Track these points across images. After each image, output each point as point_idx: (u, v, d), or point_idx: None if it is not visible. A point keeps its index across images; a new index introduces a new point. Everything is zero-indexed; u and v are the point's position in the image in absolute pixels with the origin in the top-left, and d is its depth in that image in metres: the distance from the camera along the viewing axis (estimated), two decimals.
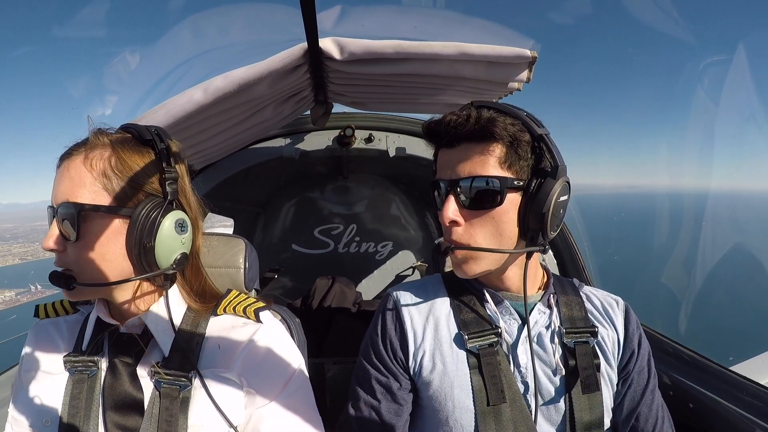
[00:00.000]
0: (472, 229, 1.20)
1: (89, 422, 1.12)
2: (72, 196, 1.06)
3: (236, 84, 1.78)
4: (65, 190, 1.07)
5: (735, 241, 59.50)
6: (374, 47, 1.83)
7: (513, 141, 1.16)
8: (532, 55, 1.90)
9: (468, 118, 1.17)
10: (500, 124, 1.15)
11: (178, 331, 1.18)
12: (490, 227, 1.19)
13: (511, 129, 1.16)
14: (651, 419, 1.30)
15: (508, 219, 1.19)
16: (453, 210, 1.19)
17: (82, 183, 1.07)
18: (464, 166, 1.19)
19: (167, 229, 1.11)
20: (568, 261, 2.75)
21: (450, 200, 1.19)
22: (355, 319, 3.28)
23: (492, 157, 1.17)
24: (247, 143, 2.77)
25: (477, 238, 1.20)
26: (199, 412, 1.12)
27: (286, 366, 1.22)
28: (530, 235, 1.20)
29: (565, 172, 1.18)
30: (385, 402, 1.30)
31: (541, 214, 1.16)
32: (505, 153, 1.17)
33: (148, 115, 1.81)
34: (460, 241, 1.20)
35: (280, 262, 4.08)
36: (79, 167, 1.08)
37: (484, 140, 1.17)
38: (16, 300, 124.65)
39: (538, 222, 1.17)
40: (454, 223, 1.20)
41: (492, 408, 1.21)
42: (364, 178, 4.20)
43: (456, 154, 1.21)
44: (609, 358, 1.30)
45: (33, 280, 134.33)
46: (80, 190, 1.06)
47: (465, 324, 1.30)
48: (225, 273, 1.47)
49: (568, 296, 1.38)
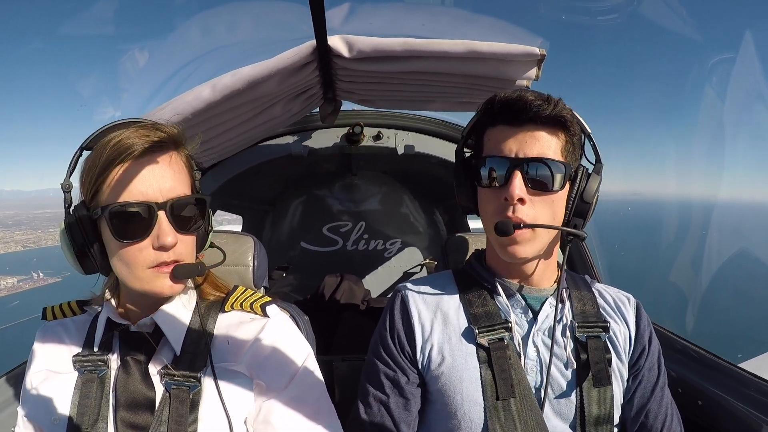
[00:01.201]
0: (534, 210, 1.22)
1: (98, 420, 1.13)
2: (185, 190, 1.15)
3: (245, 81, 1.79)
4: (176, 185, 1.13)
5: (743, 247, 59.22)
6: (383, 45, 1.83)
7: (574, 133, 1.23)
8: (540, 53, 1.88)
9: (548, 101, 1.20)
10: (569, 114, 1.21)
11: (188, 329, 1.19)
12: (549, 210, 1.22)
13: (575, 122, 1.22)
14: (660, 416, 1.30)
15: (561, 204, 1.24)
16: (521, 187, 1.19)
17: (186, 176, 1.19)
18: (533, 146, 1.21)
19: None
20: (577, 259, 2.74)
21: (517, 176, 1.19)
22: (363, 316, 3.28)
23: (558, 144, 1.22)
24: (255, 141, 2.76)
25: (538, 218, 1.22)
26: (208, 407, 1.13)
27: (295, 357, 1.23)
28: (573, 222, 1.26)
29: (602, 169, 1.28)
30: (393, 396, 1.30)
31: (586, 204, 1.24)
32: (566, 142, 1.23)
33: (156, 112, 1.82)
34: (525, 219, 1.20)
35: (288, 259, 4.08)
36: (179, 161, 1.17)
37: (553, 126, 1.21)
38: (18, 287, 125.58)
39: (582, 210, 1.25)
40: (521, 201, 1.20)
41: (501, 402, 1.21)
42: (373, 175, 4.19)
43: (522, 134, 1.22)
44: (620, 354, 1.30)
45: (35, 268, 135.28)
46: (186, 183, 1.17)
47: (475, 318, 1.30)
48: (234, 271, 1.47)
49: (580, 291, 1.38)
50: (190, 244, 1.17)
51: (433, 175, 3.68)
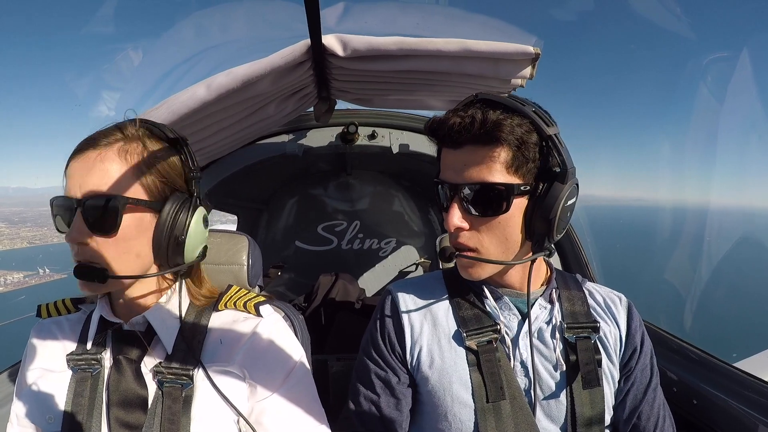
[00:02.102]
0: (478, 235, 1.18)
1: (92, 419, 1.13)
2: (108, 187, 1.07)
3: (239, 81, 1.79)
4: (99, 181, 1.07)
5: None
6: (377, 44, 1.83)
7: (520, 144, 1.12)
8: (535, 52, 1.89)
9: (473, 121, 1.12)
10: (507, 127, 1.10)
11: (181, 327, 1.19)
12: (496, 232, 1.17)
13: (519, 131, 1.11)
14: (653, 418, 1.29)
15: (514, 224, 1.17)
16: (458, 216, 1.17)
17: (122, 175, 1.08)
18: (469, 170, 1.15)
19: (196, 224, 1.15)
20: (572, 258, 2.75)
21: (454, 207, 1.17)
22: (358, 315, 3.28)
23: (498, 162, 1.13)
24: (250, 140, 2.77)
25: (484, 242, 1.18)
26: (201, 406, 1.13)
27: (288, 358, 1.23)
28: (536, 238, 1.18)
29: (574, 173, 1.15)
30: (384, 396, 1.30)
31: (548, 219, 1.13)
32: (512, 157, 1.13)
33: (151, 111, 1.82)
34: (467, 244, 1.19)
35: (283, 258, 4.08)
36: (114, 159, 1.09)
37: (489, 144, 1.13)
38: (24, 282, 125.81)
39: (544, 226, 1.15)
40: (460, 228, 1.18)
41: (492, 405, 1.21)
42: (368, 174, 4.20)
43: (460, 156, 1.17)
44: (611, 354, 1.30)
45: (41, 264, 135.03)
46: (117, 181, 1.08)
47: (464, 321, 1.30)
48: (228, 270, 1.47)
49: (570, 291, 1.37)
50: (110, 247, 1.08)
51: (428, 174, 3.68)
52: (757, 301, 70.23)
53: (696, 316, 28.67)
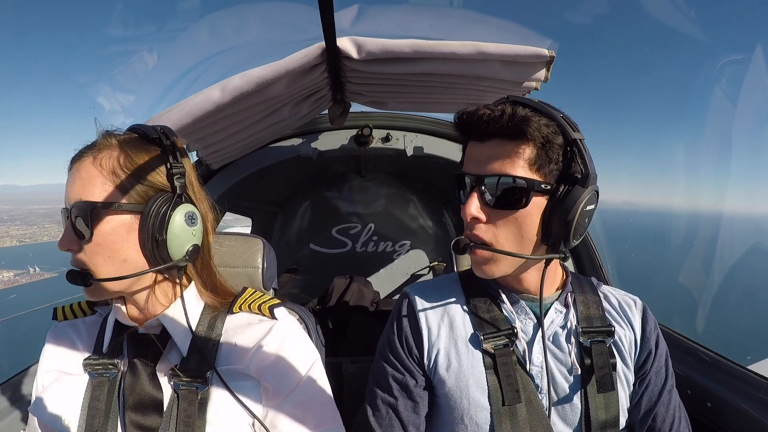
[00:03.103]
0: (495, 229, 1.18)
1: (108, 423, 1.14)
2: (84, 195, 1.08)
3: (254, 83, 1.80)
4: (77, 190, 1.09)
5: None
6: (392, 46, 1.83)
7: (545, 143, 1.12)
8: (549, 55, 1.88)
9: (502, 114, 1.13)
10: (534, 124, 1.11)
11: (196, 330, 1.19)
12: (512, 228, 1.17)
13: (545, 130, 1.12)
14: (668, 420, 1.28)
15: (531, 222, 1.16)
16: (476, 206, 1.16)
17: (93, 182, 1.09)
18: (492, 163, 1.15)
19: (178, 222, 1.12)
20: (586, 260, 2.73)
21: (473, 196, 1.17)
22: (372, 318, 3.28)
23: (521, 158, 1.13)
24: (264, 142, 2.78)
25: (499, 238, 1.18)
26: (216, 408, 1.13)
27: (302, 361, 1.23)
28: (552, 240, 1.17)
29: (596, 180, 1.15)
30: (402, 399, 1.30)
31: (567, 221, 1.12)
32: (536, 154, 1.13)
33: (165, 114, 1.83)
34: (482, 237, 1.18)
35: (297, 261, 4.10)
36: (89, 167, 1.10)
37: (515, 138, 1.13)
38: (15, 281, 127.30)
39: (562, 229, 1.14)
40: (476, 219, 1.17)
41: (508, 408, 1.20)
42: (382, 177, 4.20)
43: (485, 149, 1.18)
44: (625, 358, 1.29)
45: (32, 262, 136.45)
46: (92, 189, 1.08)
47: (480, 324, 1.29)
48: (243, 273, 1.47)
49: (585, 295, 1.36)
50: (94, 252, 1.09)
51: (442, 177, 3.68)
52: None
53: (708, 320, 28.35)
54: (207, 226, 1.24)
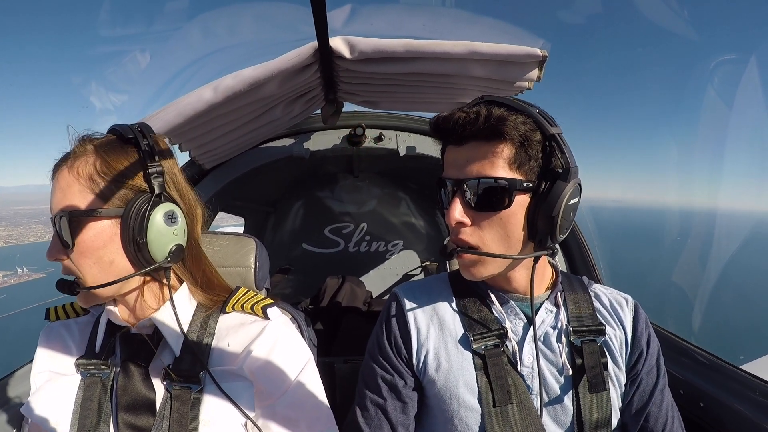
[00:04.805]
0: (480, 231, 1.17)
1: (101, 423, 1.14)
2: (64, 205, 1.08)
3: (246, 83, 1.79)
4: (58, 200, 1.09)
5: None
6: (384, 46, 1.83)
7: (524, 141, 1.12)
8: (542, 54, 1.89)
9: (477, 116, 1.13)
10: (511, 123, 1.11)
11: (188, 331, 1.19)
12: (498, 229, 1.16)
13: (522, 128, 1.11)
14: (661, 419, 1.28)
15: (516, 221, 1.16)
16: (459, 211, 1.16)
17: (71, 191, 1.08)
18: (472, 165, 1.15)
19: (158, 223, 1.10)
20: (578, 259, 2.74)
21: (456, 201, 1.17)
22: (365, 318, 3.28)
23: (501, 158, 1.13)
24: (257, 142, 2.77)
25: (485, 239, 1.17)
26: (209, 409, 1.13)
27: (295, 362, 1.22)
28: (539, 237, 1.17)
29: (577, 173, 1.15)
30: (391, 400, 1.30)
31: (551, 217, 1.13)
32: (515, 153, 1.13)
33: (157, 114, 1.83)
34: (468, 241, 1.18)
35: (290, 261, 4.09)
36: (66, 176, 1.09)
37: (493, 139, 1.13)
38: (3, 282, 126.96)
39: (547, 225, 1.14)
40: (461, 224, 1.17)
41: (499, 408, 1.20)
42: (375, 177, 4.21)
43: (463, 152, 1.18)
44: (616, 358, 1.29)
45: (20, 263, 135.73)
46: (71, 197, 1.08)
47: (470, 325, 1.29)
48: (235, 272, 1.47)
49: (576, 294, 1.36)
50: (80, 259, 1.09)
51: (435, 177, 3.68)
52: (764, 303, 69.86)
53: (703, 318, 28.59)
54: (193, 219, 1.23)
